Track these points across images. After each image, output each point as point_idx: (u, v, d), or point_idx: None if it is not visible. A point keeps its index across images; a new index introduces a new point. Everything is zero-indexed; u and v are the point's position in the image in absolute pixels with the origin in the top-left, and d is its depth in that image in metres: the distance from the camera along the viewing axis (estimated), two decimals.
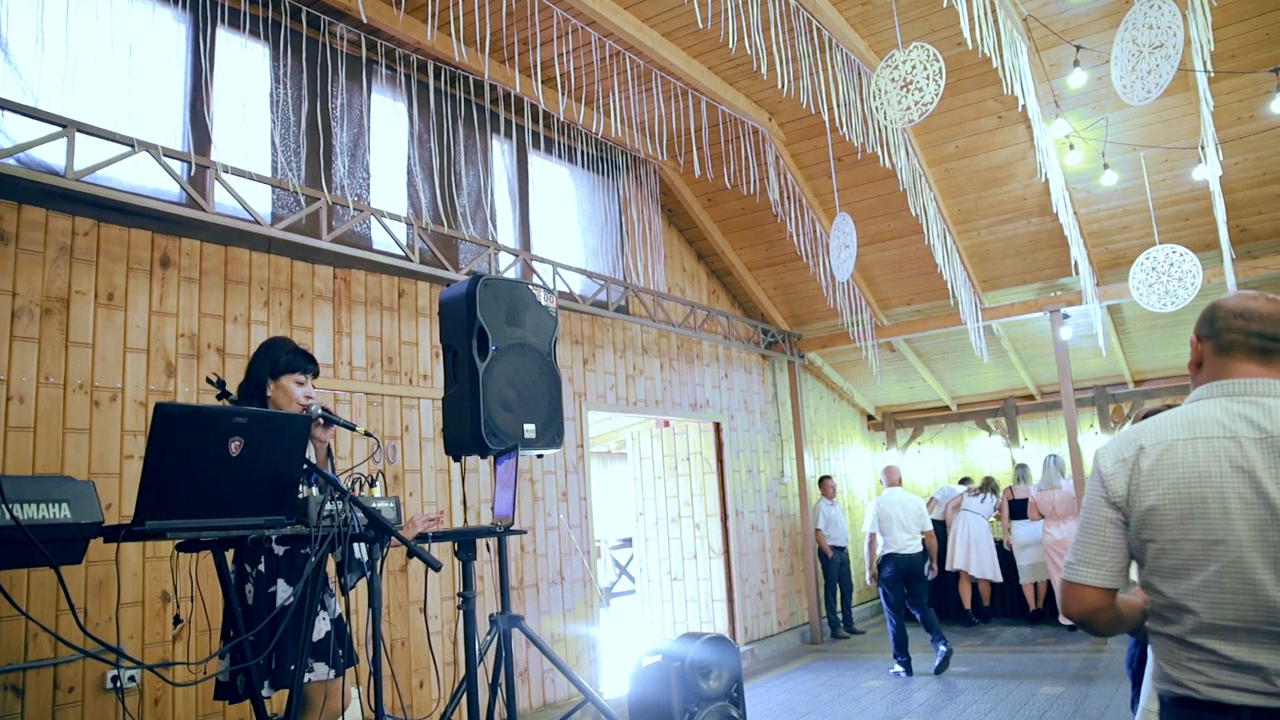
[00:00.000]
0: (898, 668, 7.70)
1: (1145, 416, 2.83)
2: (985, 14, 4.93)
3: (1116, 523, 1.87)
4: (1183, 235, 7.67)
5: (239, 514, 2.48)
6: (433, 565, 2.55)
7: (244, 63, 5.18)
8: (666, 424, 9.28)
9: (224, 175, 4.62)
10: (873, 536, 8.22)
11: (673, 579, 9.16)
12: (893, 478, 8.41)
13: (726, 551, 8.91)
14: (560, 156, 7.55)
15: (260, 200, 5.05)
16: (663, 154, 7.93)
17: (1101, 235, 8.17)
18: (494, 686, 4.04)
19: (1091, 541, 1.90)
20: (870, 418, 12.93)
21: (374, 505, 2.94)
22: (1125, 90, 4.63)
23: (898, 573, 7.77)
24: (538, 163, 7.38)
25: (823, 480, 10.40)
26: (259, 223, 4.77)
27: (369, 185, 5.82)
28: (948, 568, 10.00)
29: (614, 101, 6.68)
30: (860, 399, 12.43)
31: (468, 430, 3.76)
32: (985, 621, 10.05)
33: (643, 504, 9.47)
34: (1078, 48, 5.68)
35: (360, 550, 3.10)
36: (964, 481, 11.00)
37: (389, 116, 6.08)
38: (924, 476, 12.68)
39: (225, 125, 5.00)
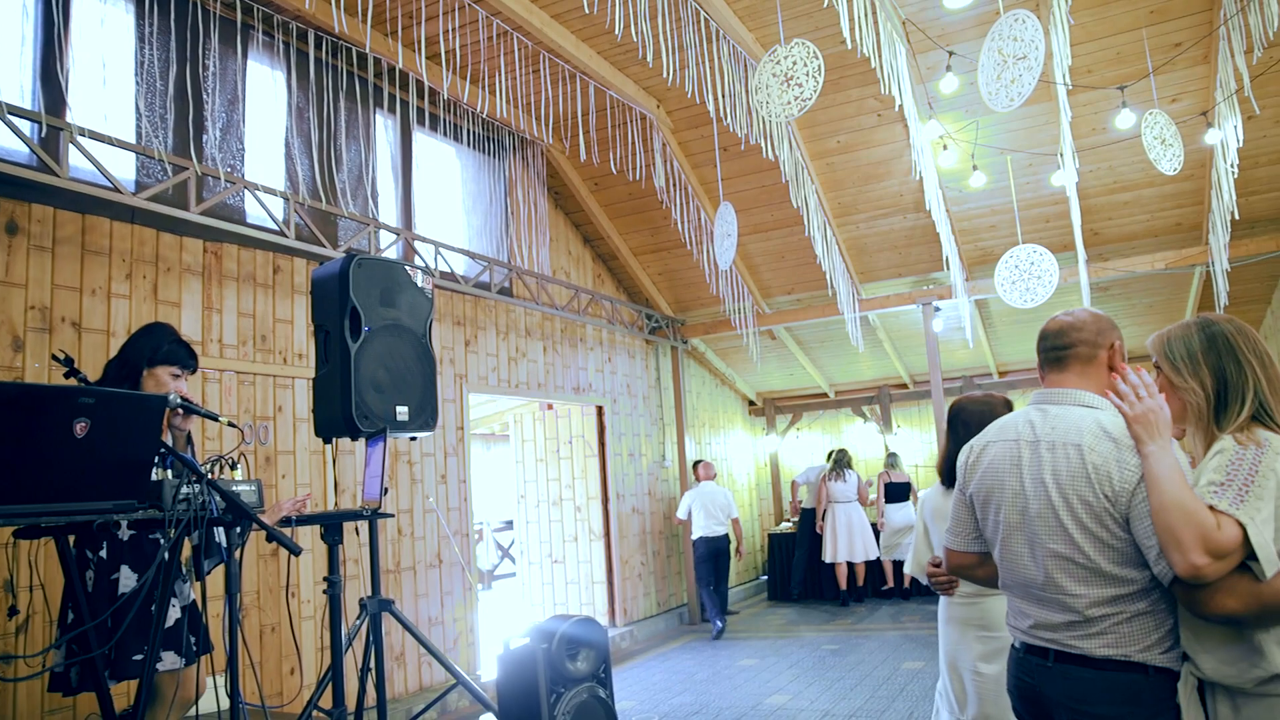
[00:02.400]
0: (717, 624, 9.02)
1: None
2: (866, 15, 5.09)
3: (964, 503, 2.35)
4: (1043, 236, 8.11)
5: (85, 498, 2.37)
6: (292, 550, 2.51)
7: (104, 19, 4.89)
8: (550, 407, 9.28)
9: (80, 138, 4.37)
10: (687, 523, 9.49)
11: (554, 561, 9.20)
12: (708, 473, 9.49)
13: (607, 534, 8.99)
14: (445, 134, 7.42)
15: (123, 167, 4.80)
16: (549, 136, 7.89)
17: (971, 233, 8.56)
18: (364, 671, 3.99)
19: (952, 516, 2.40)
20: (751, 403, 13.22)
21: (235, 489, 2.86)
22: (991, 97, 4.85)
23: (707, 552, 9.10)
24: (422, 140, 7.24)
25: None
26: (120, 191, 4.53)
27: (243, 156, 5.60)
28: (826, 560, 10.33)
29: (500, 81, 6.61)
30: (742, 385, 12.70)
31: (338, 412, 3.68)
32: (860, 601, 10.43)
33: (524, 487, 9.46)
34: (950, 53, 5.91)
35: (221, 535, 3.01)
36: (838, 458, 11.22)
37: (266, 86, 5.86)
38: (802, 461, 13.06)
39: (83, 86, 4.72)
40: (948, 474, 3.24)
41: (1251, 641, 1.75)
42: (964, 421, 3.19)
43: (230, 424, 3.24)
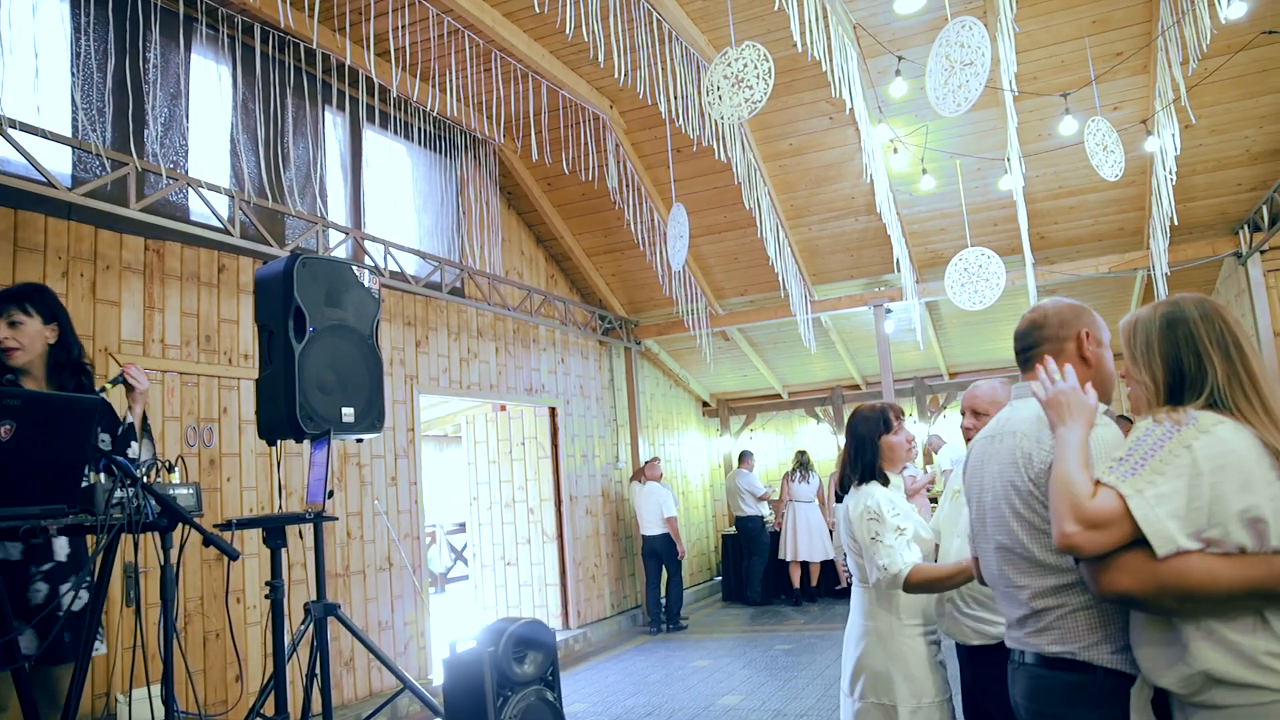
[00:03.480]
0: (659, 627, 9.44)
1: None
2: (816, 19, 5.12)
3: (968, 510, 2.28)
4: (991, 239, 8.24)
5: (10, 503, 2.29)
6: (229, 554, 2.45)
7: (36, 6, 4.74)
8: (503, 408, 9.22)
9: (11, 131, 4.23)
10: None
11: (506, 563, 9.13)
12: (651, 473, 9.59)
13: (560, 536, 8.95)
14: (396, 132, 7.33)
15: (58, 162, 4.67)
16: (501, 136, 7.83)
17: (921, 236, 8.66)
18: (309, 677, 3.92)
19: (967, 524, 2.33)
20: (705, 404, 13.26)
21: (171, 491, 2.78)
22: (938, 101, 4.91)
23: (646, 550, 9.44)
24: (373, 138, 7.15)
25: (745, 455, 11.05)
26: (55, 186, 4.41)
27: (187, 152, 5.48)
28: (784, 558, 10.38)
29: (452, 79, 6.54)
30: (695, 386, 12.72)
31: (282, 413, 3.61)
32: (813, 601, 10.49)
33: (477, 488, 9.38)
34: (900, 58, 5.98)
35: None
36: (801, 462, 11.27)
37: (210, 80, 5.73)
38: (756, 462, 13.10)
39: (13, 77, 4.57)
40: (841, 482, 3.27)
41: (1180, 635, 1.68)
42: (853, 430, 3.26)
43: (112, 382, 3.11)
